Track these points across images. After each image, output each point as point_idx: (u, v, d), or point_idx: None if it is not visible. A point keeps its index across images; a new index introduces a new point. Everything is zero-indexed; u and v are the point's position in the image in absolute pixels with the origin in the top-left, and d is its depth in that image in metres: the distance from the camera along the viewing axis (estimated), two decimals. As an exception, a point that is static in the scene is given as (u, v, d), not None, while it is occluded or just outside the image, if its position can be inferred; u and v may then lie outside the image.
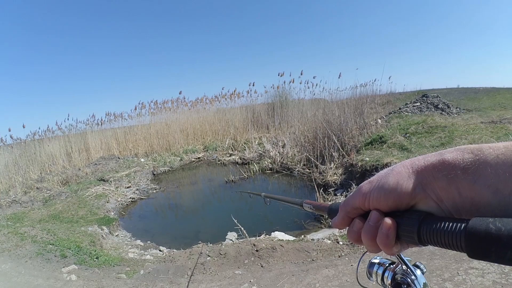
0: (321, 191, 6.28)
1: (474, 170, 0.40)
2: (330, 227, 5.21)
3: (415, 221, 0.42)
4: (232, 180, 8.99)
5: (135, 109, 17.05)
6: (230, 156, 12.42)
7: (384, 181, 0.48)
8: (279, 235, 4.91)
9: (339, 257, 3.89)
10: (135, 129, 15.18)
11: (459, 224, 0.36)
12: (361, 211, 0.52)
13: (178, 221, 6.95)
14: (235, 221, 5.17)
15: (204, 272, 3.98)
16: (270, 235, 4.94)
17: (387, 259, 0.62)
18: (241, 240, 4.89)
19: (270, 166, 9.81)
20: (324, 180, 7.48)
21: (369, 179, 0.52)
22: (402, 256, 0.54)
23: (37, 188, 9.10)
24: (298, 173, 8.74)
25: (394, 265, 0.59)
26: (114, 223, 6.34)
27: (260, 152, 11.31)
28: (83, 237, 5.42)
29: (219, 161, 12.15)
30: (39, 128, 16.34)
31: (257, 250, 4.23)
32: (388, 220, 0.46)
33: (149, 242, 5.58)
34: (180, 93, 17.89)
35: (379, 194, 0.48)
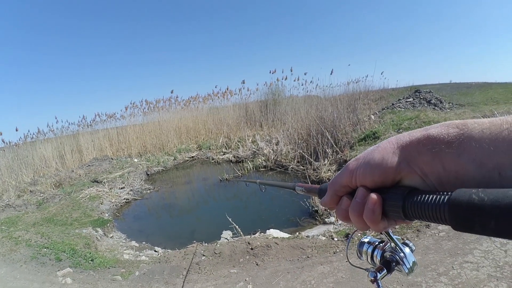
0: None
1: (458, 144, 0.40)
2: (325, 223, 5.22)
3: (400, 195, 0.43)
4: (226, 179, 8.97)
5: (126, 109, 16.97)
6: (224, 154, 12.39)
7: (370, 157, 0.49)
8: (274, 232, 4.92)
9: (334, 253, 3.90)
10: (128, 129, 15.08)
11: (442, 197, 0.37)
12: (349, 189, 0.53)
13: (172, 221, 6.93)
14: (230, 219, 5.18)
15: (199, 271, 3.98)
16: (265, 233, 4.95)
17: (376, 238, 0.62)
18: (236, 238, 4.89)
19: (264, 164, 9.79)
20: (318, 177, 7.49)
21: (356, 157, 0.52)
22: (391, 234, 0.55)
23: (30, 191, 9.03)
24: (292, 170, 8.74)
25: (383, 244, 0.59)
26: (108, 224, 6.31)
27: (254, 150, 11.30)
28: (77, 240, 5.39)
29: (213, 159, 12.11)
30: (28, 131, 16.24)
31: (252, 248, 4.24)
32: (373, 196, 0.47)
33: (144, 242, 5.56)
34: (172, 92, 17.86)
35: (365, 170, 0.49)
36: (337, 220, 5.12)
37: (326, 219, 5.26)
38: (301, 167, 8.58)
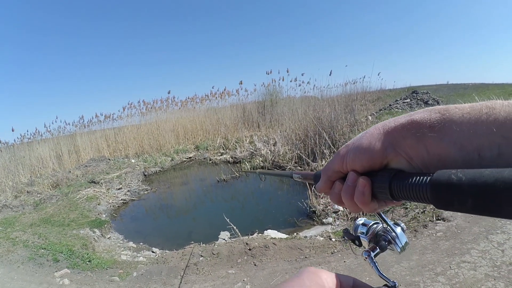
0: (313, 188, 6.29)
1: (440, 128, 0.42)
2: (322, 224, 5.23)
3: (386, 178, 0.46)
4: (224, 179, 8.97)
5: (124, 109, 16.93)
6: (222, 155, 12.39)
7: (358, 143, 0.52)
8: (271, 233, 4.92)
9: (332, 253, 3.91)
10: (125, 130, 15.06)
11: (425, 178, 0.39)
12: (341, 174, 0.56)
13: (170, 222, 6.93)
14: (228, 220, 5.17)
15: (197, 272, 3.98)
16: (262, 233, 4.95)
17: (371, 220, 0.64)
18: (234, 239, 4.89)
19: (262, 165, 9.78)
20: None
21: (346, 143, 0.55)
22: (382, 215, 0.57)
23: (27, 192, 9.00)
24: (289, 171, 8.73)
25: (376, 225, 0.61)
26: (106, 225, 6.30)
27: (252, 150, 11.31)
28: (75, 241, 5.38)
29: (210, 160, 12.10)
30: (27, 131, 16.18)
31: (250, 249, 4.24)
32: (362, 179, 0.50)
33: (141, 243, 5.55)
34: (169, 92, 17.79)
35: (354, 155, 0.52)
36: (334, 221, 5.13)
37: (324, 220, 5.26)
38: (299, 167, 8.58)
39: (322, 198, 5.92)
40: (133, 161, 12.51)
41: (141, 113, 16.84)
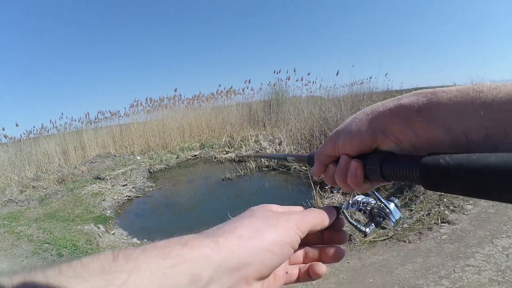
0: (317, 188, 6.26)
1: (427, 112, 0.43)
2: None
3: (377, 160, 0.49)
4: (229, 178, 8.96)
5: (131, 106, 16.96)
6: (227, 153, 12.38)
7: (349, 128, 0.54)
8: (275, 232, 4.90)
9: (335, 254, 3.89)
10: (131, 127, 15.12)
11: (414, 161, 0.41)
12: (333, 157, 0.59)
13: (174, 219, 6.94)
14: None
15: (201, 270, 3.97)
16: (266, 232, 4.94)
17: (366, 198, 0.66)
18: (238, 238, 4.88)
19: (267, 164, 9.74)
20: (320, 178, 7.41)
21: (337, 128, 0.58)
22: (376, 194, 0.60)
23: (33, 187, 9.07)
24: (294, 171, 8.72)
25: (371, 202, 0.64)
26: (110, 221, 6.32)
27: (257, 149, 11.27)
28: (79, 236, 5.41)
29: (215, 158, 12.10)
30: (34, 127, 16.24)
31: (253, 248, 4.23)
32: (354, 162, 0.52)
33: (145, 240, 5.56)
34: (175, 90, 17.81)
35: (345, 139, 0.54)
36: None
37: (328, 220, 5.24)
38: (304, 167, 8.56)
39: (326, 199, 5.91)
40: (138, 158, 12.54)
41: (147, 111, 16.87)
